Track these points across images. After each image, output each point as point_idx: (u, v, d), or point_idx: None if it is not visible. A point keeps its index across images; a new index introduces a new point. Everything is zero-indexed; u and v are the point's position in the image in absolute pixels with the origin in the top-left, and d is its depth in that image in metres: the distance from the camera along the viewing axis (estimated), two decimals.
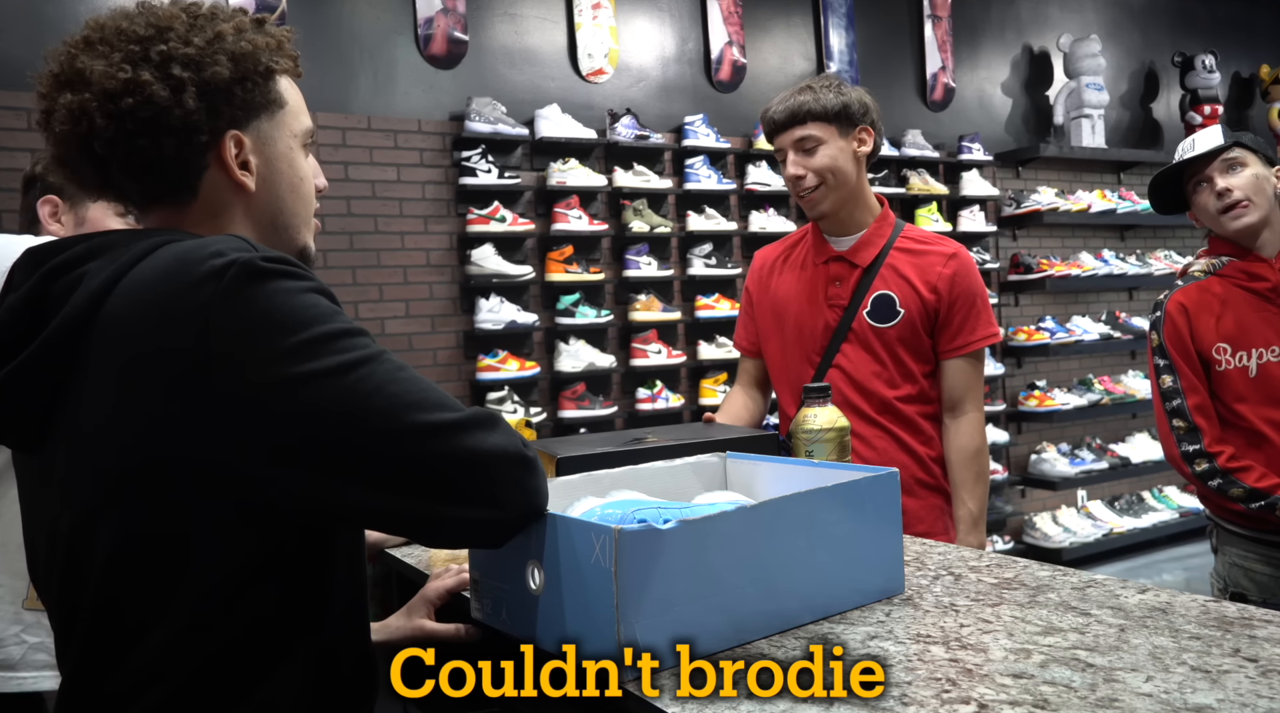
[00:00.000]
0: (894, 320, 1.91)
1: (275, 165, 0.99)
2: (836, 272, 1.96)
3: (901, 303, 1.91)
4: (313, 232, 1.05)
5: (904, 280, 1.92)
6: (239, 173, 0.95)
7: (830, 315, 1.95)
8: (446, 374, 3.73)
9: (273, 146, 0.99)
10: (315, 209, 1.05)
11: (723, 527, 0.95)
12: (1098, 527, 5.16)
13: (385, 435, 0.81)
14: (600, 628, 0.89)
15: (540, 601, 0.97)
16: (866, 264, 1.94)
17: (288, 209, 1.01)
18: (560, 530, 0.94)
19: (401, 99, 3.69)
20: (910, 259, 1.93)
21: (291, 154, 1.00)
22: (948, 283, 1.90)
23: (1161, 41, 6.01)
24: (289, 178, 1.00)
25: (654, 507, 1.07)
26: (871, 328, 1.91)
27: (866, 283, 1.93)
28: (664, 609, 0.90)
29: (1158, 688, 0.80)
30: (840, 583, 1.05)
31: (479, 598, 1.09)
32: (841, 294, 1.94)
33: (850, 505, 1.06)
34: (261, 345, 0.79)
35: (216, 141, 0.93)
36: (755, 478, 1.29)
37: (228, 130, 0.94)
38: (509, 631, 1.03)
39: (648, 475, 1.26)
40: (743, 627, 0.96)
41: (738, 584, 0.96)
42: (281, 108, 0.99)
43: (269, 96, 0.98)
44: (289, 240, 1.01)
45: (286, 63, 1.00)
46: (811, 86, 1.91)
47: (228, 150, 0.94)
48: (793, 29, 4.65)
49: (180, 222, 0.94)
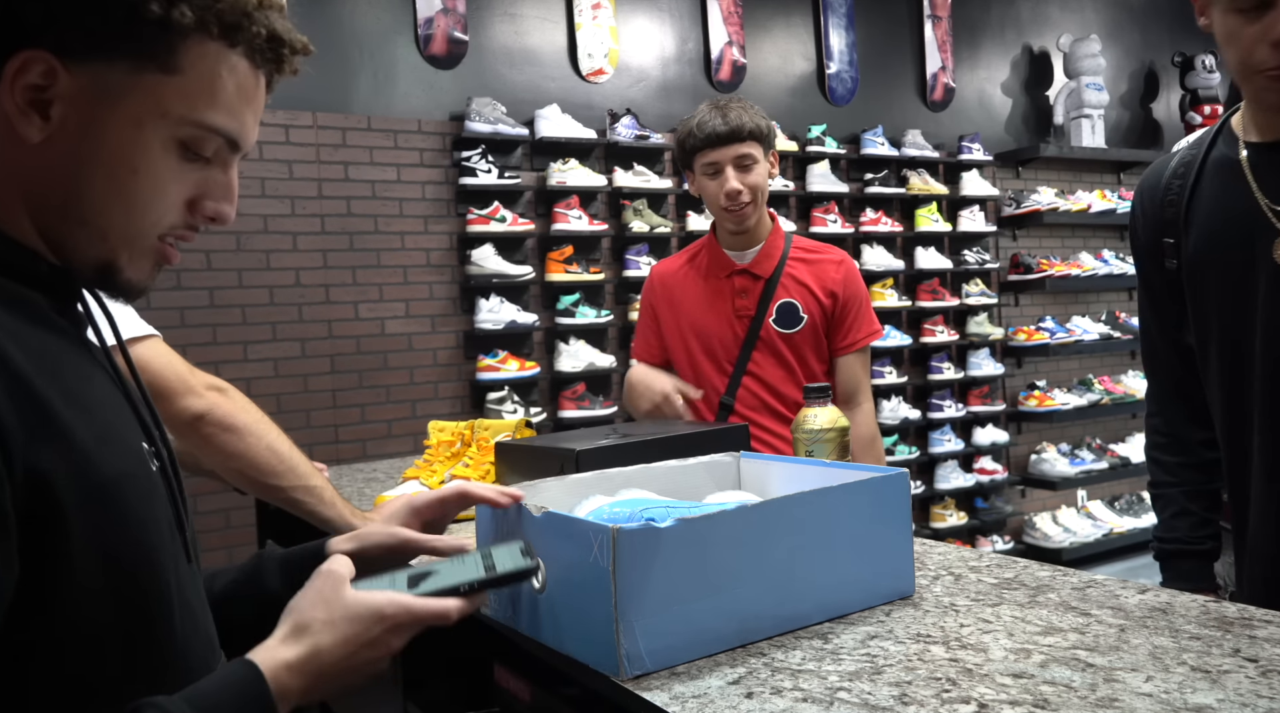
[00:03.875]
0: (799, 326, 2.04)
1: (96, 133, 0.69)
2: (741, 284, 2.06)
3: (804, 309, 2.04)
4: (140, 256, 0.74)
5: (803, 287, 2.05)
6: (17, 106, 0.67)
7: (739, 326, 2.05)
8: (446, 374, 3.73)
9: (109, 108, 0.69)
10: (166, 232, 0.75)
11: (724, 526, 0.94)
12: (1098, 527, 5.17)
13: None
14: (599, 628, 0.89)
15: (542, 599, 0.97)
16: (768, 275, 2.05)
17: (93, 201, 0.71)
18: (561, 529, 0.94)
19: (401, 99, 3.69)
20: (806, 267, 2.07)
21: (137, 135, 0.70)
22: (840, 286, 2.05)
23: (1161, 41, 6.01)
24: (109, 163, 0.70)
25: (662, 506, 1.06)
26: (779, 335, 2.03)
27: (770, 292, 2.04)
28: (665, 609, 0.89)
29: (1158, 688, 0.80)
30: (849, 583, 1.04)
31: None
32: (748, 305, 2.05)
33: (858, 505, 1.04)
34: None
35: (8, 51, 0.66)
36: (769, 478, 1.28)
37: (32, 46, 0.66)
38: (514, 626, 1.04)
39: (660, 474, 1.26)
40: (748, 627, 0.96)
41: (742, 584, 0.95)
42: (165, 72, 0.70)
43: (141, 43, 0.69)
44: (86, 244, 0.72)
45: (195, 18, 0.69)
46: (737, 106, 1.98)
47: (17, 66, 0.66)
48: (793, 29, 4.65)
49: None
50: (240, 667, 0.73)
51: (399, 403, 3.63)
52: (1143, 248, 1.45)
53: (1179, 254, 1.37)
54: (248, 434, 1.37)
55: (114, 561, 0.68)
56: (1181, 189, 1.36)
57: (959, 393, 4.96)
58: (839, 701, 0.81)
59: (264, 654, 0.75)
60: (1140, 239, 1.45)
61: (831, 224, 4.44)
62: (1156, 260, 1.41)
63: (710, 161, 1.97)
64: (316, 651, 0.76)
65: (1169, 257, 1.39)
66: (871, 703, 0.81)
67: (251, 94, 0.75)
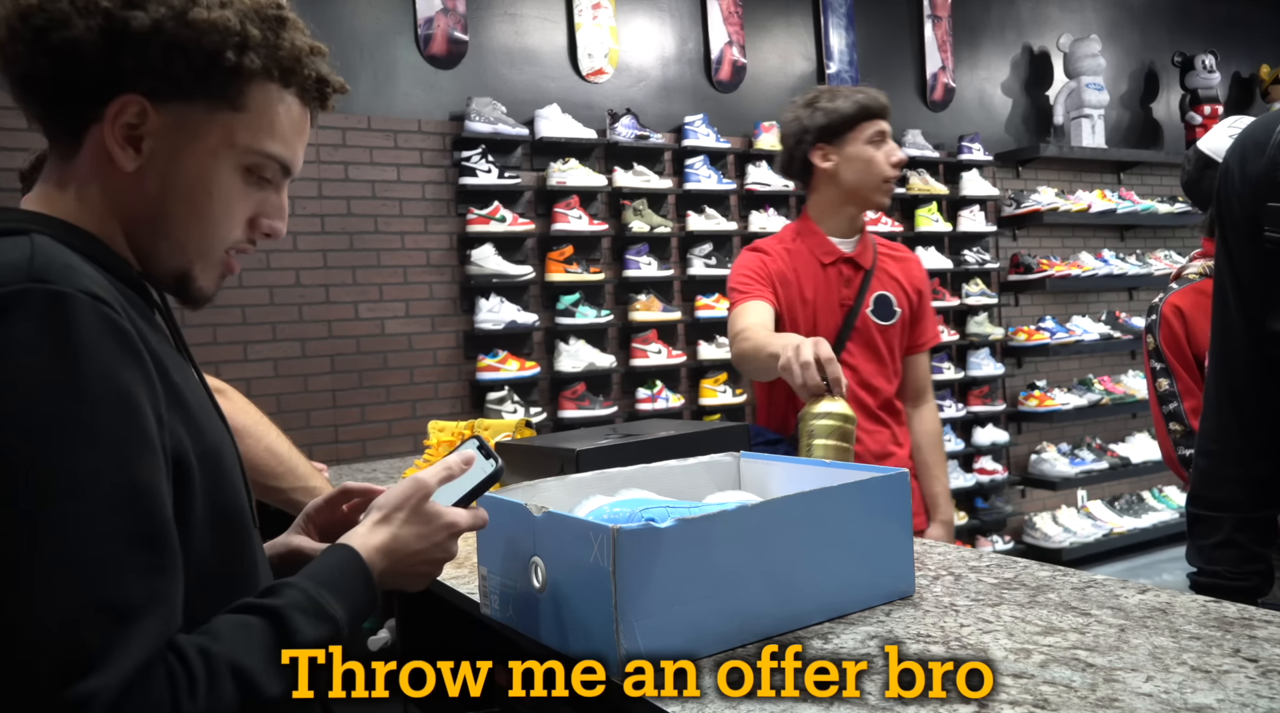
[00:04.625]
0: (893, 319, 2.05)
1: (179, 163, 0.83)
2: (845, 272, 2.04)
3: (897, 303, 2.05)
4: (210, 267, 0.88)
5: (895, 282, 2.07)
6: (116, 141, 0.81)
7: (839, 315, 2.02)
8: (446, 374, 3.73)
9: (189, 141, 0.83)
10: (231, 246, 0.89)
11: (724, 526, 0.94)
12: (1098, 527, 5.16)
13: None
14: (599, 627, 0.89)
15: (543, 599, 0.98)
16: (869, 265, 2.05)
17: (175, 219, 0.84)
18: (561, 529, 0.94)
19: (401, 99, 3.69)
20: (893, 263, 2.09)
21: (213, 163, 0.84)
22: (922, 285, 2.11)
23: (1161, 41, 6.01)
24: (189, 188, 0.84)
25: (662, 506, 1.06)
26: (875, 326, 2.03)
27: (868, 283, 2.03)
28: (665, 609, 0.89)
29: (1158, 688, 0.80)
30: (849, 583, 1.04)
31: (485, 594, 1.10)
32: (850, 294, 2.03)
33: (858, 505, 1.05)
34: None
35: (110, 96, 0.80)
36: (769, 478, 1.28)
37: (128, 91, 0.80)
38: (514, 626, 1.04)
39: (661, 474, 1.26)
40: (748, 627, 0.96)
41: (743, 584, 0.95)
42: (232, 109, 0.84)
43: (216, 86, 0.83)
44: (168, 257, 0.86)
45: (261, 65, 0.84)
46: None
47: (117, 109, 0.80)
48: (793, 29, 4.65)
49: (65, 181, 0.83)
50: (341, 549, 0.88)
51: (399, 403, 3.63)
52: (1237, 217, 1.22)
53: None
54: (247, 435, 1.37)
55: (221, 512, 0.82)
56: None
57: (959, 393, 4.96)
58: (839, 700, 0.81)
59: (357, 539, 0.89)
60: (1234, 206, 1.22)
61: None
62: (1253, 232, 1.19)
63: (880, 129, 2.00)
64: (398, 538, 0.90)
65: (1273, 225, 1.17)
66: (872, 703, 0.81)
67: (301, 127, 0.90)
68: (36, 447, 0.67)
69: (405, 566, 0.91)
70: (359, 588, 0.86)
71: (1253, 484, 1.26)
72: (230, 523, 0.83)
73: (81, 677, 0.63)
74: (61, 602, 0.65)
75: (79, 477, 0.67)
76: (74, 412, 0.68)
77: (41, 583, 0.65)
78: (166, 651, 0.69)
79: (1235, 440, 1.27)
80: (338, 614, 0.81)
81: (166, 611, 0.70)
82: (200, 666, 0.69)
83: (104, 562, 0.67)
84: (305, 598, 0.80)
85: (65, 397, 0.68)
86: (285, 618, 0.77)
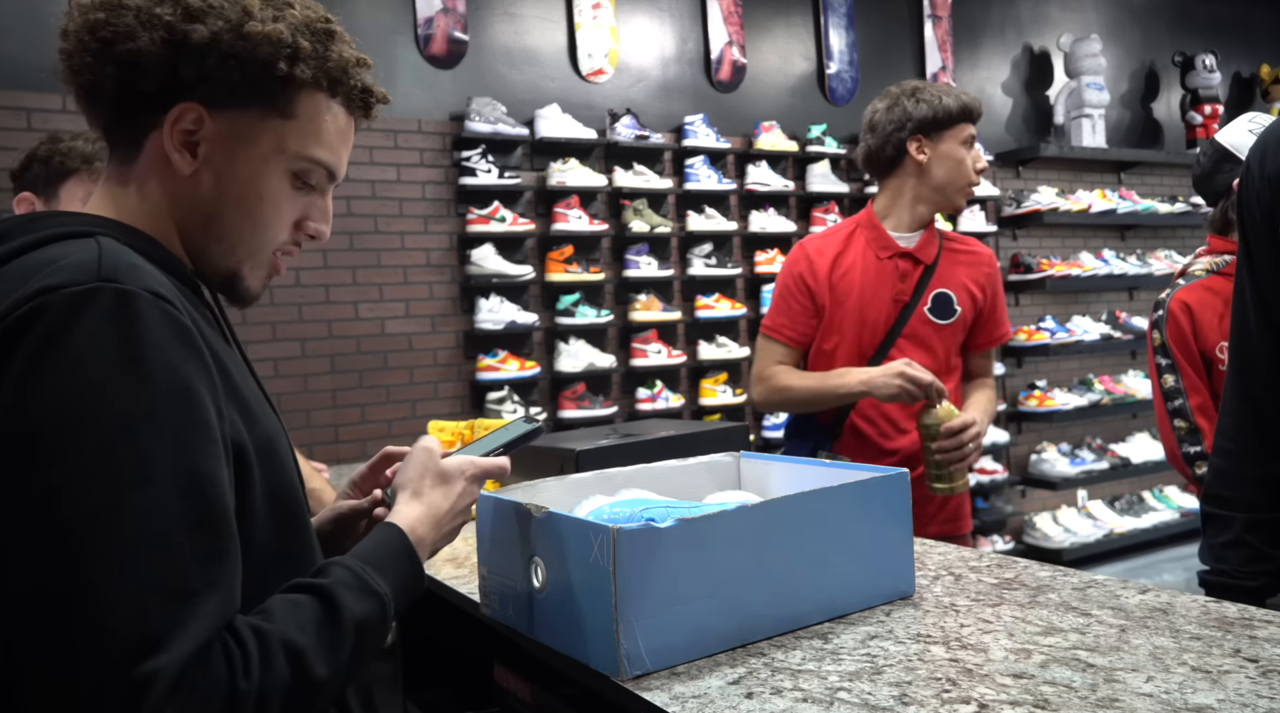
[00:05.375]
0: (952, 318, 2.01)
1: (232, 167, 0.88)
2: (903, 267, 2.01)
3: (958, 301, 2.01)
4: (259, 267, 0.93)
5: (958, 279, 2.02)
6: (174, 146, 0.86)
7: (893, 310, 2.00)
8: (446, 374, 3.73)
9: (243, 147, 0.88)
10: (279, 247, 0.94)
11: (724, 526, 0.94)
12: (1098, 527, 5.16)
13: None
14: (599, 627, 0.89)
15: (543, 598, 0.98)
16: (930, 261, 2.01)
17: (228, 221, 0.89)
18: (560, 529, 0.94)
19: (401, 99, 3.69)
20: (960, 259, 2.05)
21: (265, 168, 0.89)
22: (992, 283, 2.06)
23: (1162, 41, 6.01)
24: (241, 191, 0.89)
25: (662, 506, 1.06)
26: (931, 325, 2.00)
27: (927, 280, 2.00)
28: (665, 608, 0.90)
29: (1158, 688, 0.80)
30: (849, 583, 1.04)
31: (485, 594, 1.10)
32: (906, 290, 2.00)
33: (858, 505, 1.05)
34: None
35: (168, 103, 0.85)
36: (769, 478, 1.28)
37: (186, 99, 0.85)
38: (514, 626, 1.04)
39: (660, 475, 1.26)
40: (748, 627, 0.96)
41: (743, 584, 0.95)
42: (285, 117, 0.89)
43: (268, 95, 0.87)
44: (220, 257, 0.91)
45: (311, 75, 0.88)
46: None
47: (177, 115, 0.85)
48: (793, 29, 4.65)
49: (125, 183, 0.89)
50: (385, 527, 0.93)
51: (399, 403, 3.63)
52: (1257, 217, 1.23)
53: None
54: None
55: (278, 497, 0.85)
56: None
57: None
58: (839, 701, 0.81)
59: (397, 517, 0.95)
60: (1256, 205, 1.22)
61: (831, 224, 4.43)
62: (1272, 231, 1.20)
63: (971, 134, 2.01)
64: (432, 505, 0.98)
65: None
66: (871, 703, 0.81)
67: (346, 134, 0.95)
68: (107, 437, 0.70)
69: (445, 524, 0.99)
70: (403, 562, 0.91)
71: (1268, 484, 1.25)
72: (286, 507, 0.87)
73: (146, 657, 0.66)
74: (130, 587, 0.68)
75: (147, 466, 0.71)
76: (141, 405, 0.72)
77: (112, 568, 0.68)
78: (224, 631, 0.72)
79: (1252, 441, 1.26)
80: (383, 590, 0.85)
81: (225, 593, 0.73)
82: (254, 644, 0.72)
83: (168, 548, 0.70)
84: (351, 576, 0.83)
85: (134, 390, 0.72)
86: (333, 595, 0.80)
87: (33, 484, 0.69)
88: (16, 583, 0.68)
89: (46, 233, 0.81)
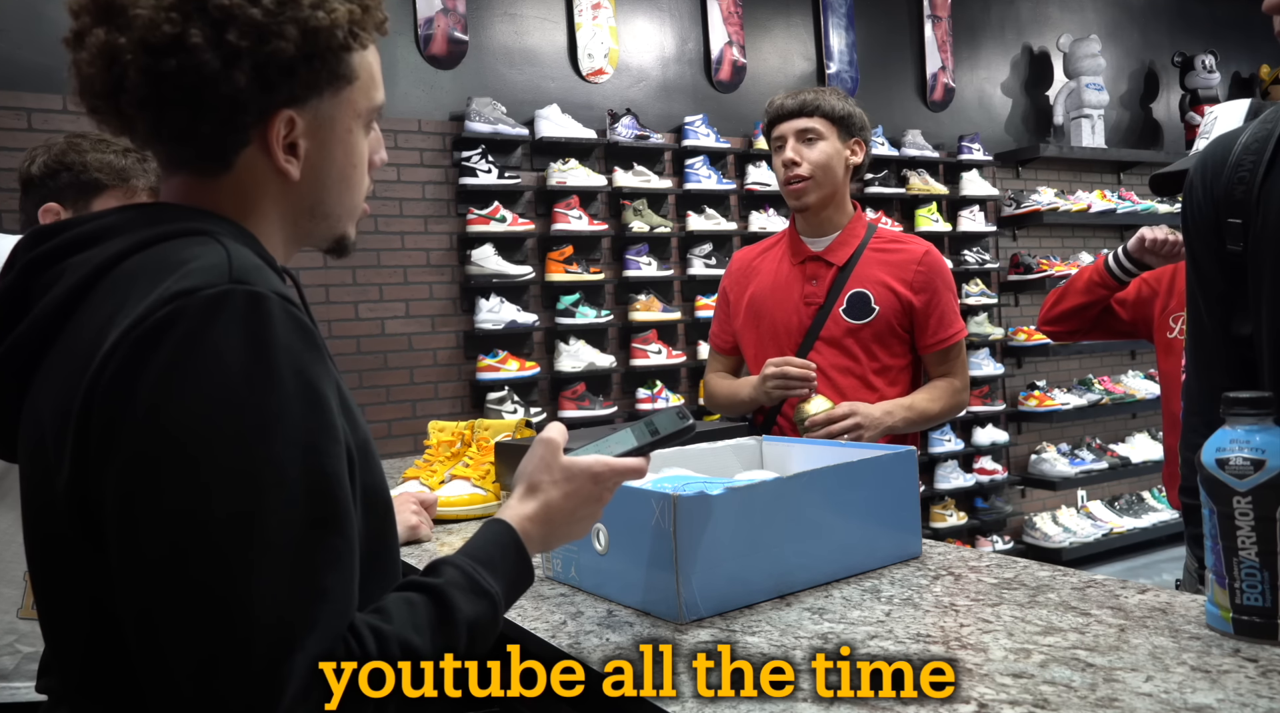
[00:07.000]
0: (869, 317, 1.98)
1: (328, 150, 0.88)
2: (813, 271, 2.03)
3: (876, 300, 1.98)
4: (357, 218, 0.95)
5: (876, 278, 1.99)
6: (283, 158, 0.85)
7: (805, 313, 2.01)
8: (446, 374, 3.73)
9: (329, 129, 0.87)
10: (368, 191, 0.95)
11: (764, 495, 1.13)
12: (1098, 527, 5.17)
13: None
14: (661, 582, 1.06)
15: (606, 559, 1.14)
16: (842, 263, 2.01)
17: (332, 198, 0.90)
18: (625, 498, 1.06)
19: (401, 99, 3.69)
20: (884, 258, 2.02)
21: (350, 137, 0.89)
22: (926, 280, 1.99)
23: (1161, 41, 6.01)
24: (341, 165, 0.90)
25: (701, 481, 1.23)
26: (847, 326, 1.98)
27: (842, 281, 2.00)
28: (716, 566, 1.06)
29: (1158, 688, 0.80)
30: (866, 545, 1.22)
31: (549, 558, 1.25)
32: (817, 292, 2.01)
33: (874, 478, 1.23)
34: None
35: (265, 120, 0.83)
36: (789, 458, 1.48)
37: (280, 110, 0.83)
38: (578, 585, 1.21)
39: (694, 455, 1.45)
40: (782, 582, 1.13)
41: (777, 545, 1.12)
42: (350, 83, 0.87)
43: (337, 72, 0.86)
44: (326, 230, 0.93)
45: (368, 35, 0.88)
46: (821, 90, 2.03)
47: (275, 132, 0.84)
48: (793, 29, 4.65)
49: (205, 194, 0.85)
50: (495, 524, 0.93)
51: (399, 403, 3.63)
52: (1201, 229, 1.28)
53: (1246, 237, 1.22)
54: None
55: (374, 497, 0.86)
56: (1255, 166, 1.22)
57: None
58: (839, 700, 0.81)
59: (509, 513, 0.94)
60: (1198, 220, 1.28)
61: None
62: (1216, 243, 1.25)
63: (778, 135, 2.01)
64: (548, 504, 0.95)
65: (1233, 240, 1.23)
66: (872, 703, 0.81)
67: (379, 64, 0.93)
68: (245, 441, 0.71)
69: (562, 525, 0.96)
70: (513, 561, 0.91)
71: None
72: (379, 506, 0.88)
73: (285, 657, 0.68)
74: (271, 589, 0.69)
75: (282, 468, 0.71)
76: (275, 408, 0.72)
77: (253, 571, 0.69)
78: (346, 631, 0.73)
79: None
80: (494, 589, 0.85)
81: (349, 592, 0.74)
82: (374, 644, 0.73)
83: (303, 549, 0.71)
84: (463, 576, 0.84)
85: (267, 392, 0.72)
86: (446, 596, 0.81)
87: (175, 486, 0.69)
88: (162, 583, 0.69)
89: (163, 229, 0.80)
